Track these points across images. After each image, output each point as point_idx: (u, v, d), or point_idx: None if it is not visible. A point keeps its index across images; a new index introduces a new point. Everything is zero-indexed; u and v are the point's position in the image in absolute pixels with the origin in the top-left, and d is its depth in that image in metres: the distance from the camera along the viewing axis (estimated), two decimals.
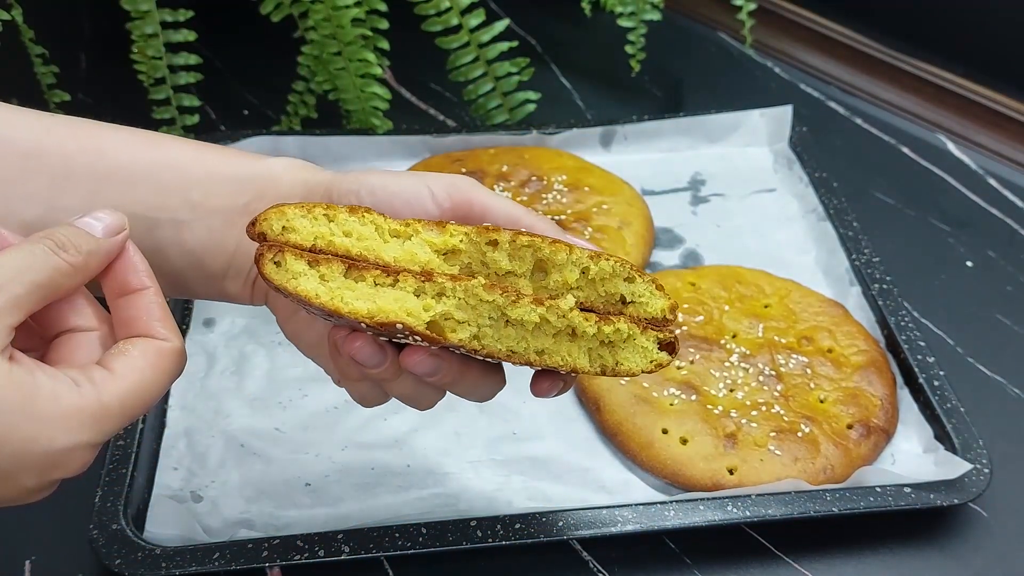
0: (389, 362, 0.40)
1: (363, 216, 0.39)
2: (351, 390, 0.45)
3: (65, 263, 0.36)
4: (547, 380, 0.42)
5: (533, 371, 0.42)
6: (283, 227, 0.38)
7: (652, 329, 0.40)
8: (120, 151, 0.42)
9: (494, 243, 0.39)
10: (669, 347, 0.40)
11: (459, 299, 0.38)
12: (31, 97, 0.74)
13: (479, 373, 0.42)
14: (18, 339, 0.34)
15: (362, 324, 0.38)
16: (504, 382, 0.44)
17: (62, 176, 0.40)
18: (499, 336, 0.38)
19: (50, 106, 0.75)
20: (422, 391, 0.43)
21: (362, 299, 0.37)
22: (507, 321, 0.38)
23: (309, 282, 0.37)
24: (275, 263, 0.37)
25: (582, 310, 0.39)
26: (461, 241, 0.39)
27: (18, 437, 0.33)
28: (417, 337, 0.38)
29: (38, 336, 0.38)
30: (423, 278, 0.38)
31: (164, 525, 0.52)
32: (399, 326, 0.37)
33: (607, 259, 0.39)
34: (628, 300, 0.40)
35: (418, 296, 0.38)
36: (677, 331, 0.63)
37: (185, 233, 0.42)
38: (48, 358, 0.37)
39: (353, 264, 0.38)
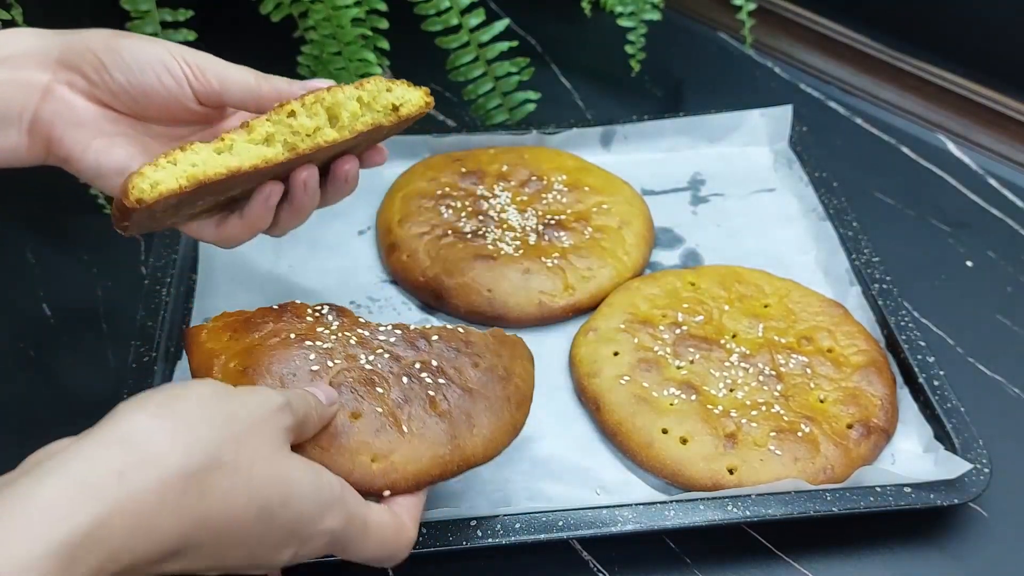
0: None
1: (192, 147, 0.46)
2: (230, 233, 0.52)
3: (328, 412, 0.46)
4: (347, 161, 0.52)
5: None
6: (152, 186, 0.45)
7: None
8: None
9: (292, 113, 0.48)
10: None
11: (276, 124, 0.49)
12: None
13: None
14: None
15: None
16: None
17: None
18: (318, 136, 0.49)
19: None
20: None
21: (223, 162, 0.47)
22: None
23: (171, 173, 0.46)
24: (141, 186, 0.45)
25: None
26: (270, 127, 0.48)
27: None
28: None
29: None
30: (245, 129, 0.48)
31: None
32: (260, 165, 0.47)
33: (368, 81, 0.50)
34: (398, 106, 0.51)
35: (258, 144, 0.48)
36: (677, 330, 0.63)
37: None
38: None
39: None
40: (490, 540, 0.52)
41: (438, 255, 0.68)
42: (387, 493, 0.47)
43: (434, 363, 0.52)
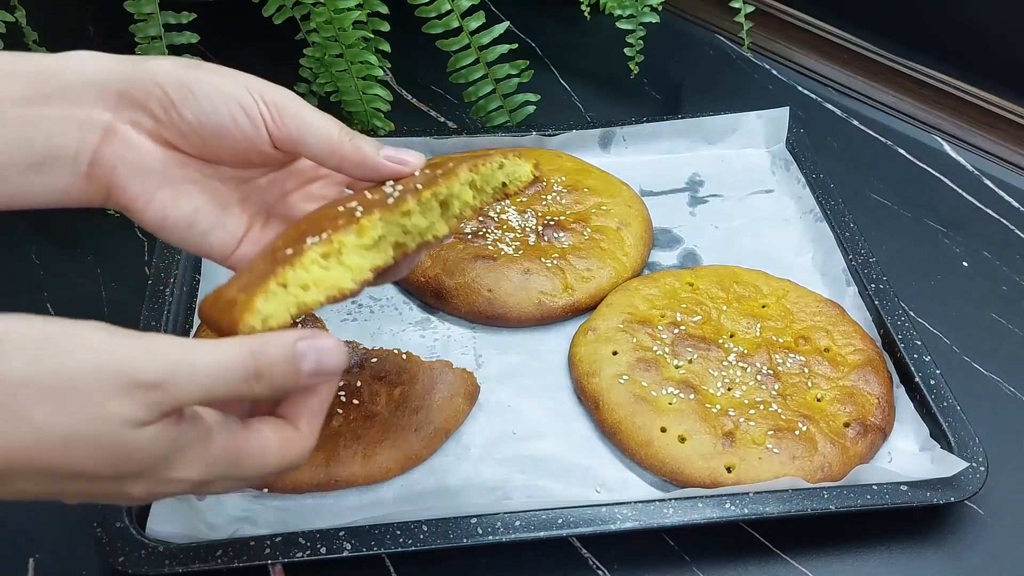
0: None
1: (300, 262, 0.40)
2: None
3: (248, 392, 0.37)
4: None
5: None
6: (262, 321, 0.39)
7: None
8: None
9: (407, 213, 0.44)
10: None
11: (389, 225, 0.43)
12: None
13: None
14: None
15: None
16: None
17: None
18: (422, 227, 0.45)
19: None
20: None
21: (335, 282, 0.42)
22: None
23: (283, 304, 0.40)
24: (251, 323, 0.39)
25: None
26: (382, 227, 0.43)
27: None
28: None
29: None
30: (355, 229, 0.42)
31: (167, 523, 0.53)
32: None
33: (484, 163, 0.47)
34: (507, 183, 0.48)
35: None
36: (675, 330, 0.64)
37: None
38: None
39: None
40: (490, 538, 0.52)
41: (438, 255, 0.68)
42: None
43: (357, 383, 0.56)
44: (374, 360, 0.59)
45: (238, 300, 0.39)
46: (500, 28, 0.77)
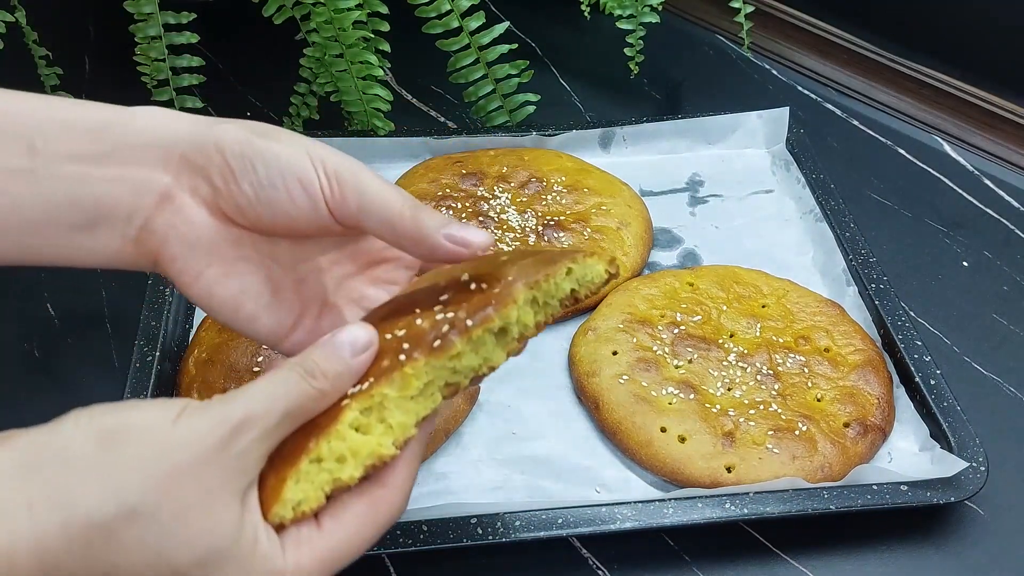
0: None
1: (336, 430, 0.37)
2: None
3: (315, 390, 0.36)
4: None
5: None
6: (294, 508, 0.36)
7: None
8: None
9: (456, 356, 0.38)
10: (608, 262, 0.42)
11: (436, 370, 0.38)
12: None
13: None
14: None
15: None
16: None
17: None
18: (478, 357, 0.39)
19: None
20: None
21: (374, 448, 0.37)
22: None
23: (316, 484, 0.37)
24: (282, 513, 0.36)
25: None
26: (427, 375, 0.37)
27: None
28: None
29: None
30: (398, 380, 0.37)
31: None
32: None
33: (548, 277, 0.39)
34: (576, 290, 0.41)
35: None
36: (675, 330, 0.64)
37: (28, 183, 0.39)
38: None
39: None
40: (490, 538, 0.52)
41: None
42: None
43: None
44: None
45: (268, 483, 0.36)
46: (500, 28, 0.77)
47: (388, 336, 0.39)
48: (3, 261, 0.41)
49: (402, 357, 0.37)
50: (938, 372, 0.61)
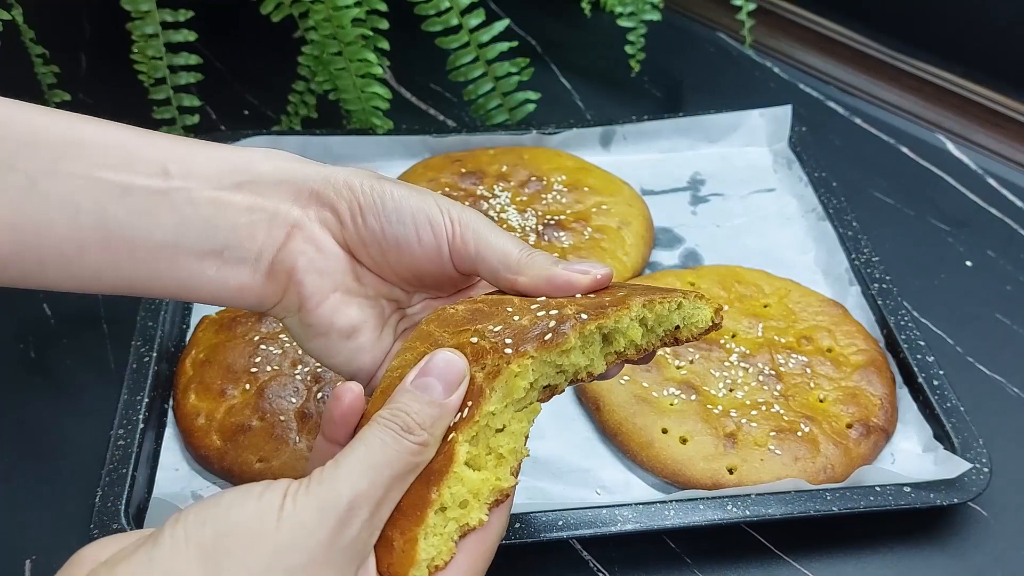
0: None
1: (456, 473, 0.36)
2: None
3: (416, 445, 0.35)
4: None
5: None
6: (428, 566, 0.36)
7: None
8: (91, 126, 0.40)
9: (567, 351, 0.37)
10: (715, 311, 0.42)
11: (545, 365, 0.37)
12: (31, 97, 0.73)
13: None
14: None
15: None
16: None
17: (27, 142, 0.38)
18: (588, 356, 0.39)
19: (50, 106, 0.75)
20: None
21: (476, 509, 0.37)
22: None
23: (444, 538, 0.36)
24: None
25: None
26: (533, 372, 0.37)
27: None
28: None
29: None
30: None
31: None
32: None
33: (661, 301, 0.39)
34: (680, 327, 0.41)
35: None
36: None
37: (161, 204, 0.40)
38: None
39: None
40: None
41: None
42: None
43: None
44: None
45: (390, 539, 0.35)
46: (500, 26, 0.77)
47: (475, 340, 0.38)
48: (118, 288, 0.40)
49: (508, 351, 0.36)
50: (941, 373, 0.61)
